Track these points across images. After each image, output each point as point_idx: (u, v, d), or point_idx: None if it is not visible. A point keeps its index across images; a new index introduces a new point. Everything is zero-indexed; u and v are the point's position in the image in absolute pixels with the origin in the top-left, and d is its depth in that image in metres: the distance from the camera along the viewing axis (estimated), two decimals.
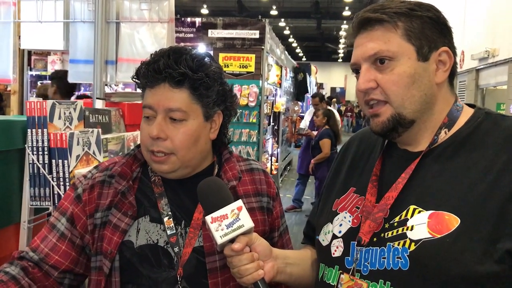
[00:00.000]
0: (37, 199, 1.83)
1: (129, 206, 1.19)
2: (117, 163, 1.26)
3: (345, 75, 37.77)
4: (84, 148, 1.90)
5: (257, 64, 6.78)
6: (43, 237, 1.22)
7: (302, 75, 11.92)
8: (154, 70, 1.14)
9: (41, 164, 1.80)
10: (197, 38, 6.78)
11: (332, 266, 1.08)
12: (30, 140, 1.80)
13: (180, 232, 1.20)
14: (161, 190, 1.23)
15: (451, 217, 0.92)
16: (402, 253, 0.94)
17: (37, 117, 1.80)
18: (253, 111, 6.79)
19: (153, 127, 1.14)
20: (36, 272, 1.18)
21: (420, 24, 1.00)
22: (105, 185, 1.23)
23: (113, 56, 2.57)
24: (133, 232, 1.18)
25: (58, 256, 1.19)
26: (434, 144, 1.03)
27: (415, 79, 1.00)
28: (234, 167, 1.28)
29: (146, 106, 1.17)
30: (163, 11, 2.52)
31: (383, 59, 1.00)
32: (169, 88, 1.15)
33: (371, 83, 1.02)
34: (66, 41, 2.62)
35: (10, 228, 1.88)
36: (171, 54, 1.16)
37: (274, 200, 1.34)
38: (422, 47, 1.00)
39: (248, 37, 6.77)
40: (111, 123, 2.28)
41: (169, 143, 1.15)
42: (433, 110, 1.03)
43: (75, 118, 1.96)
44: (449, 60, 1.02)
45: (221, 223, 1.03)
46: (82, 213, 1.21)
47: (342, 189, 1.17)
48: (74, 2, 2.57)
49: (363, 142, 1.22)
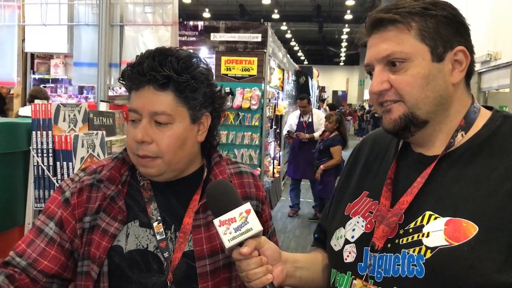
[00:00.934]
0: (42, 201, 1.84)
1: (119, 211, 1.17)
2: (105, 166, 1.22)
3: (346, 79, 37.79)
4: (89, 150, 1.90)
5: (259, 67, 6.78)
6: (29, 241, 1.17)
7: (304, 78, 11.93)
8: (138, 73, 1.12)
9: (45, 166, 1.81)
10: (199, 41, 6.79)
11: (344, 272, 1.06)
12: (35, 142, 1.80)
13: (170, 236, 1.18)
14: (151, 194, 1.21)
15: (468, 225, 0.89)
16: (418, 261, 0.92)
17: (42, 119, 1.81)
18: (255, 114, 6.79)
19: (138, 131, 1.12)
20: (23, 278, 1.13)
21: (434, 23, 0.97)
22: (94, 188, 1.20)
23: (117, 59, 2.58)
24: (123, 237, 1.16)
25: (47, 261, 1.15)
26: (451, 147, 1.00)
27: (429, 80, 0.97)
28: (224, 171, 1.26)
29: (131, 109, 1.15)
30: (166, 14, 2.53)
31: (395, 61, 0.98)
32: (154, 91, 1.12)
33: (384, 85, 1.00)
34: (70, 44, 2.63)
35: (14, 230, 1.88)
36: (156, 56, 1.13)
37: (263, 203, 1.32)
38: (436, 47, 0.97)
39: (250, 41, 6.78)
40: (115, 126, 2.28)
41: (155, 147, 1.13)
42: (448, 112, 1.01)
43: (79, 120, 1.97)
44: (465, 60, 0.99)
45: (229, 226, 1.02)
46: (71, 217, 1.18)
47: (355, 193, 1.14)
48: (78, 5, 2.58)
49: (376, 144, 1.19)
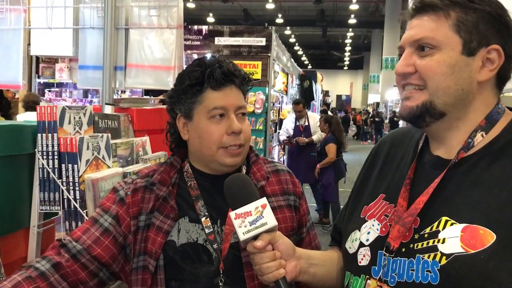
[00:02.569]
0: (47, 204, 1.83)
1: (171, 210, 1.29)
2: (156, 171, 1.36)
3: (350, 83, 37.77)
4: (94, 152, 1.90)
5: (264, 71, 6.80)
6: (85, 229, 1.29)
7: (308, 82, 11.93)
8: (224, 73, 1.26)
9: (51, 169, 1.80)
10: (203, 45, 6.81)
11: (358, 275, 1.05)
12: (40, 144, 1.80)
13: (217, 230, 1.29)
14: (197, 193, 1.32)
15: (486, 232, 0.87)
16: (432, 267, 0.90)
17: (47, 122, 1.80)
18: (259, 118, 6.80)
19: (237, 124, 1.26)
20: (71, 265, 1.23)
21: (475, 17, 0.96)
22: (147, 190, 1.32)
23: (122, 62, 2.58)
24: (175, 233, 1.28)
25: (101, 249, 1.26)
26: (470, 148, 0.98)
27: (454, 70, 0.96)
28: (262, 168, 1.38)
29: (218, 107, 1.27)
30: (172, 17, 2.53)
31: (425, 46, 0.98)
32: (236, 89, 1.29)
33: (409, 68, 1.00)
34: (76, 47, 2.63)
35: (19, 233, 1.87)
36: (225, 60, 1.30)
37: (300, 198, 1.42)
38: (470, 41, 0.96)
39: (255, 45, 6.80)
40: (120, 129, 2.28)
41: (243, 136, 1.29)
42: (468, 109, 0.99)
43: (84, 123, 1.97)
44: (498, 59, 0.97)
45: (245, 219, 1.05)
46: (126, 214, 1.30)
47: (372, 196, 1.13)
48: (84, 8, 2.58)
49: (394, 147, 1.18)
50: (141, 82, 2.59)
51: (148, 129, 2.51)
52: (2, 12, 2.55)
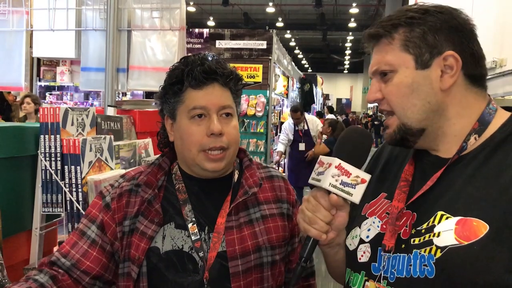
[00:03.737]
0: (49, 206, 1.82)
1: (156, 214, 1.22)
2: (143, 172, 1.29)
3: (350, 86, 37.82)
4: (97, 154, 1.89)
5: (265, 74, 6.80)
6: (73, 243, 1.25)
7: (308, 85, 11.93)
8: (204, 71, 1.19)
9: (53, 170, 1.79)
10: (205, 48, 6.81)
11: (358, 272, 1.05)
12: (43, 146, 1.79)
13: (204, 237, 1.22)
14: (185, 196, 1.26)
15: (479, 224, 0.88)
16: (428, 261, 0.91)
17: (50, 123, 1.80)
18: (260, 121, 6.79)
19: (217, 124, 1.18)
20: (66, 279, 1.20)
21: (420, 31, 0.99)
22: (132, 193, 1.26)
23: (125, 64, 2.58)
24: (159, 239, 1.21)
25: (90, 262, 1.22)
26: (463, 151, 0.99)
27: (413, 88, 0.99)
28: (254, 174, 1.30)
29: (198, 107, 1.20)
30: (174, 19, 2.53)
31: (383, 72, 1.02)
32: (219, 87, 1.21)
33: (377, 94, 1.04)
34: (78, 49, 2.63)
35: (21, 235, 1.86)
36: (212, 57, 1.24)
37: (293, 206, 1.35)
38: (421, 54, 0.98)
39: (256, 48, 6.80)
40: (123, 131, 2.27)
41: (226, 138, 1.20)
42: (446, 116, 1.00)
43: (87, 124, 1.96)
44: (455, 64, 0.98)
45: (340, 176, 0.99)
46: (111, 220, 1.25)
47: (373, 194, 1.14)
48: (86, 10, 2.58)
49: (397, 148, 1.18)
50: (144, 84, 2.59)
51: (150, 131, 2.51)
52: (5, 14, 2.55)
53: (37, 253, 1.84)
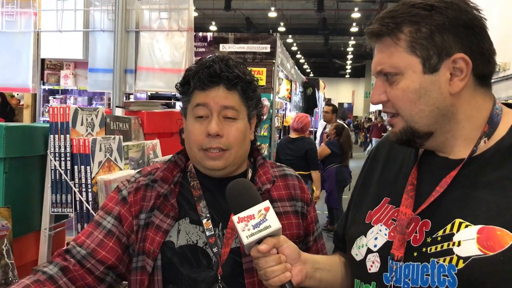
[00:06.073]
0: (59, 206, 1.80)
1: (171, 208, 1.25)
2: (159, 168, 1.32)
3: (352, 91, 37.83)
4: (106, 154, 1.88)
5: (268, 78, 6.80)
6: (88, 234, 1.26)
7: (311, 89, 11.94)
8: (209, 74, 1.21)
9: (63, 170, 1.78)
10: (208, 52, 6.81)
11: (368, 283, 1.02)
12: (53, 146, 1.78)
13: (218, 233, 1.24)
14: (200, 193, 1.28)
15: (503, 233, 0.85)
16: (449, 271, 0.87)
17: (60, 123, 1.78)
18: (264, 124, 6.78)
19: (213, 124, 1.20)
20: (77, 269, 1.20)
21: (428, 31, 0.92)
22: (149, 188, 1.29)
23: (133, 65, 2.57)
24: (174, 233, 1.24)
25: (106, 252, 1.23)
26: (474, 153, 0.96)
27: (421, 94, 0.94)
28: (268, 171, 1.33)
29: (200, 103, 1.22)
30: (182, 20, 2.52)
31: (388, 74, 0.97)
32: (224, 90, 1.23)
33: (381, 97, 1.00)
34: (86, 50, 2.62)
35: (30, 235, 1.85)
36: (222, 60, 1.24)
37: (308, 205, 1.35)
38: (429, 57, 0.93)
39: (259, 51, 6.80)
40: (131, 131, 2.26)
41: (225, 140, 1.22)
42: (456, 120, 0.96)
43: (96, 124, 1.95)
44: (465, 67, 0.93)
45: (248, 223, 1.02)
46: (128, 213, 1.27)
47: (375, 200, 1.10)
48: (94, 11, 2.58)
49: (394, 148, 1.15)
50: (152, 85, 2.58)
51: (158, 132, 2.50)
52: (13, 15, 2.54)
53: (46, 254, 1.82)
